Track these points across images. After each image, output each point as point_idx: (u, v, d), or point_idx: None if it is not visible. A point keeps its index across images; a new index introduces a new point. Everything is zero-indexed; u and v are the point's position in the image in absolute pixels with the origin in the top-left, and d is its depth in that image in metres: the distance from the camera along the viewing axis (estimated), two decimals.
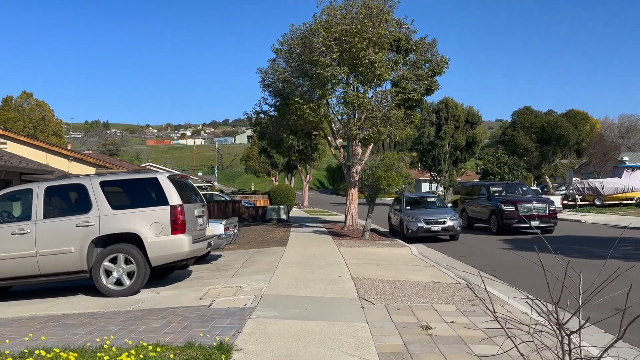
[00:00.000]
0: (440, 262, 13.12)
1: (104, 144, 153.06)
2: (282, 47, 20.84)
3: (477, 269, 12.22)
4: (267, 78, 21.27)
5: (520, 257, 13.71)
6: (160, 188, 8.74)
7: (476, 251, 15.20)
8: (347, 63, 18.37)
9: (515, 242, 17.16)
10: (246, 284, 9.06)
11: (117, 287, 8.63)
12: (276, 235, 19.12)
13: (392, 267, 11.54)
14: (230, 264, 12.04)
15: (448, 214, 17.83)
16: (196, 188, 10.31)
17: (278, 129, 21.88)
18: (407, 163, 17.28)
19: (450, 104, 53.48)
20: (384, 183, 16.53)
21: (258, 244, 16.55)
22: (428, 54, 21.60)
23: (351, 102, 18.45)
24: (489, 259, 13.55)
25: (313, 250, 14.08)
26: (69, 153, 28.67)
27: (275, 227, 22.76)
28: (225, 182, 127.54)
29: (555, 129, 38.16)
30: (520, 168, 39.03)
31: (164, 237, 8.58)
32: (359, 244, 16.09)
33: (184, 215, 8.71)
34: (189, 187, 9.95)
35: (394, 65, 19.85)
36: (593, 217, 28.41)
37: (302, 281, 9.19)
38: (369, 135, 18.60)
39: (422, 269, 11.59)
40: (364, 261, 12.19)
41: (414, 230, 17.39)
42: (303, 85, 20.14)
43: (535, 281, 10.65)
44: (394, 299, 7.80)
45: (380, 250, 14.72)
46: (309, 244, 15.77)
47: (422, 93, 20.53)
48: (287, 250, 14.25)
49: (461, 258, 13.75)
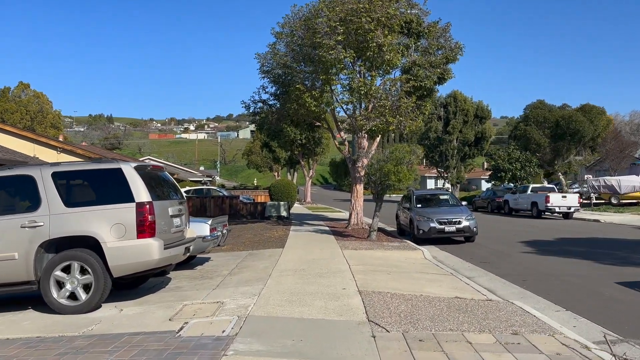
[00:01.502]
0: (458, 268, 11.49)
1: (106, 138, 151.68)
2: (283, 31, 19.17)
3: (504, 279, 10.66)
4: (266, 64, 19.59)
5: (549, 262, 12.11)
6: (125, 181, 7.12)
7: (497, 255, 13.54)
8: (353, 46, 16.70)
9: (537, 245, 15.50)
10: (230, 298, 7.44)
11: (70, 302, 7.03)
12: (274, 234, 17.51)
13: (405, 276, 9.91)
14: (218, 269, 10.42)
15: (463, 213, 16.16)
16: (174, 182, 8.69)
17: (278, 119, 20.22)
18: (419, 157, 15.56)
19: (459, 97, 51.66)
20: (394, 179, 14.87)
21: (253, 244, 14.94)
22: (441, 39, 19.92)
23: (357, 90, 16.79)
24: (514, 265, 11.89)
25: (313, 254, 12.45)
26: (57, 144, 27.10)
27: (274, 225, 21.14)
28: (228, 177, 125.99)
29: (570, 124, 36.29)
30: (532, 164, 37.24)
31: (128, 241, 6.97)
32: (365, 245, 14.46)
33: (153, 214, 7.09)
34: (164, 181, 8.32)
35: (404, 50, 18.16)
36: (612, 217, 26.74)
37: (299, 296, 7.56)
38: (376, 126, 16.93)
39: (439, 278, 9.95)
40: (371, 268, 10.56)
41: (426, 231, 15.73)
42: (305, 72, 18.48)
43: (575, 295, 8.99)
44: (413, 324, 6.16)
45: (389, 254, 13.08)
46: (309, 246, 14.15)
47: (434, 81, 18.84)
48: (284, 253, 12.63)
49: (482, 264, 12.10)
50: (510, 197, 31.91)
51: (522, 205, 30.25)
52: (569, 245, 15.41)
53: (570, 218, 27.47)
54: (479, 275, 10.72)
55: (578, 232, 19.37)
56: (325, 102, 16.95)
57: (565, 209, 27.28)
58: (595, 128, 36.86)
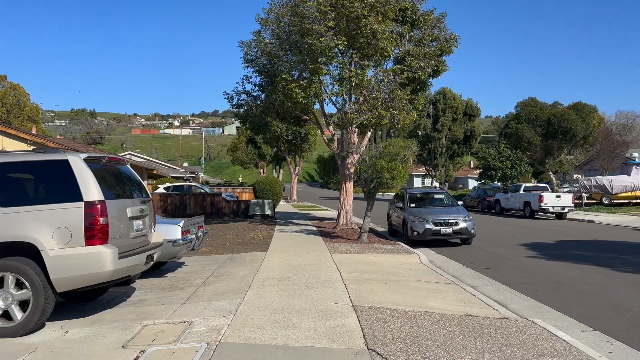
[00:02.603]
0: (459, 275, 10.40)
1: (88, 132, 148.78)
2: (269, 17, 17.92)
3: (513, 289, 9.54)
4: (250, 52, 18.33)
5: (556, 269, 11.07)
6: (72, 175, 5.87)
7: (498, 260, 12.48)
8: (344, 33, 15.52)
9: (539, 248, 14.49)
10: (200, 317, 6.23)
11: (3, 322, 5.76)
12: (257, 235, 16.28)
13: (403, 286, 8.77)
14: (191, 277, 9.18)
15: (460, 214, 15.09)
16: (137, 178, 7.42)
17: (263, 111, 18.97)
18: (414, 153, 14.45)
19: (448, 94, 50.90)
20: (387, 176, 13.74)
21: (234, 246, 13.70)
22: (435, 29, 18.85)
23: (348, 80, 15.62)
24: (519, 272, 10.83)
25: (300, 258, 11.27)
26: (28, 137, 25.51)
27: (257, 225, 19.91)
28: (213, 173, 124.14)
29: (562, 122, 35.50)
30: (523, 163, 36.45)
31: (75, 249, 5.72)
32: (356, 248, 13.32)
33: (105, 216, 5.85)
34: (125, 176, 7.06)
35: (398, 39, 17.02)
36: (606, 218, 25.99)
37: (283, 313, 6.37)
38: (368, 119, 15.78)
39: (441, 287, 8.84)
40: (365, 276, 9.41)
41: (421, 233, 14.64)
42: (292, 62, 17.24)
43: (598, 309, 7.72)
44: (423, 354, 5.01)
45: (382, 259, 11.95)
46: (295, 249, 12.96)
47: (429, 73, 17.75)
48: (267, 257, 11.42)
49: (484, 270, 11.02)
50: (501, 196, 31.05)
51: (514, 204, 29.41)
52: (572, 248, 14.43)
53: (563, 218, 26.67)
54: (483, 283, 9.64)
55: (577, 234, 18.46)
56: (314, 93, 15.75)
57: (559, 209, 26.46)
58: (587, 127, 36.16)
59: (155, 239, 7.47)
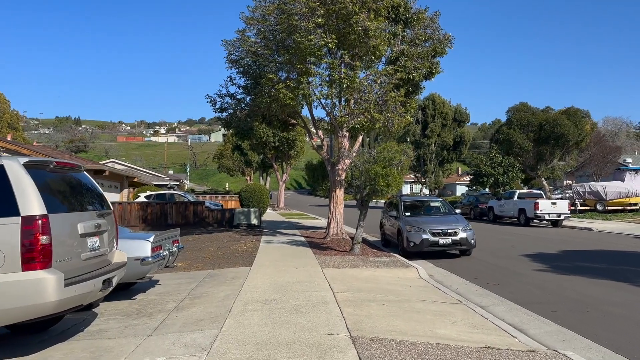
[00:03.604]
0: (465, 293, 9.39)
1: (72, 140, 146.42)
2: (254, 15, 16.89)
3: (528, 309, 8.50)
4: (234, 52, 17.27)
5: (571, 284, 10.11)
6: (7, 184, 4.77)
7: (503, 273, 11.50)
8: (334, 31, 14.54)
9: (544, 259, 13.57)
10: (167, 356, 5.12)
11: None
12: (242, 247, 15.16)
13: (406, 307, 7.73)
14: (163, 300, 8.05)
15: (459, 223, 14.13)
16: (95, 187, 6.30)
17: (247, 115, 17.90)
18: (410, 157, 13.48)
19: (437, 100, 50.29)
20: (382, 183, 12.72)
21: (216, 260, 12.58)
22: (429, 29, 17.98)
23: (338, 82, 14.62)
24: (530, 287, 9.87)
25: (288, 274, 10.18)
26: (1, 143, 24.21)
27: (242, 236, 18.77)
28: (199, 181, 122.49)
29: (554, 127, 34.87)
30: (515, 169, 35.75)
31: (8, 275, 4.61)
32: (349, 261, 12.26)
33: (48, 234, 4.74)
34: (79, 185, 5.95)
35: (391, 38, 16.11)
36: (604, 225, 25.25)
37: (268, 350, 5.29)
38: (360, 123, 14.78)
39: (448, 309, 7.81)
40: (361, 295, 8.35)
41: (417, 244, 13.63)
42: (278, 63, 16.20)
43: (634, 336, 6.88)
44: None
45: (378, 274, 10.91)
46: (282, 263, 11.86)
47: (424, 74, 16.85)
48: (252, 273, 10.31)
49: (491, 286, 10.03)
50: (495, 203, 30.25)
51: (508, 212, 28.62)
52: (581, 259, 13.52)
53: (559, 226, 25.91)
54: (493, 302, 8.64)
55: (579, 243, 17.60)
56: (302, 94, 14.71)
57: (554, 217, 25.68)
58: (579, 132, 35.58)
59: (117, 258, 6.36)
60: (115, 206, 22.42)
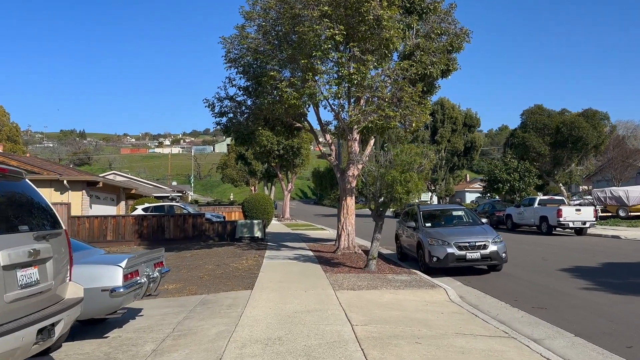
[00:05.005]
0: (510, 321, 7.76)
1: (75, 153, 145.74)
2: (255, 9, 15.43)
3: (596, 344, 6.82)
4: (233, 50, 15.79)
5: (636, 308, 8.46)
6: None
7: (547, 293, 9.84)
8: (342, 22, 13.03)
9: (587, 274, 11.91)
10: None
11: None
12: (243, 264, 13.57)
13: (445, 347, 6.10)
14: (142, 338, 6.46)
15: (488, 234, 12.48)
16: (39, 199, 4.74)
17: (248, 118, 16.38)
18: (432, 161, 11.84)
19: (446, 105, 48.74)
20: (400, 190, 11.12)
21: (212, 281, 10.99)
22: (443, 23, 16.48)
23: (348, 78, 13.07)
24: (587, 313, 8.21)
25: (295, 301, 8.57)
26: None
27: (244, 250, 17.18)
28: (203, 192, 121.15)
29: (572, 130, 33.19)
30: (532, 175, 34.04)
31: None
32: (365, 281, 10.64)
33: None
34: (14, 198, 4.38)
35: (405, 30, 14.60)
36: (632, 233, 23.53)
37: None
38: (373, 122, 13.21)
39: (498, 347, 6.17)
40: (386, 329, 6.73)
41: (441, 259, 11.99)
42: (281, 60, 14.70)
43: None
44: None
45: (401, 297, 9.27)
46: (289, 284, 10.25)
47: (441, 70, 15.32)
48: (252, 300, 8.70)
49: (537, 311, 8.39)
50: (513, 210, 28.56)
51: (528, 220, 26.90)
52: (630, 274, 11.84)
53: (584, 234, 24.21)
54: (549, 335, 7.00)
55: (616, 254, 15.89)
56: (308, 93, 13.18)
57: (579, 224, 23.97)
58: (598, 135, 33.85)
59: (71, 293, 4.79)
60: (109, 220, 20.92)
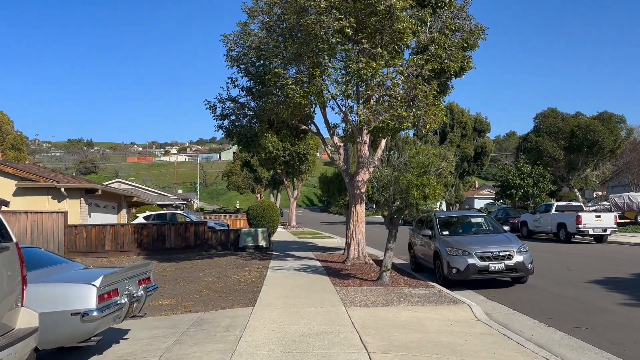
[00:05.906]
0: (548, 344, 6.74)
1: (81, 162, 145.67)
2: (258, 4, 14.57)
3: None
4: (234, 48, 14.91)
5: None
6: None
7: (582, 310, 8.78)
8: (351, 14, 12.10)
9: (621, 286, 10.83)
10: None
11: None
12: (245, 276, 12.58)
13: None
14: None
15: (513, 244, 11.43)
16: None
17: (251, 119, 15.46)
18: (452, 164, 10.82)
19: (455, 109, 47.73)
20: (417, 195, 10.12)
21: (211, 296, 10.01)
22: (457, 19, 15.53)
23: (357, 74, 12.10)
24: (634, 333, 7.17)
25: (302, 320, 7.56)
26: None
27: (248, 261, 16.20)
28: (209, 200, 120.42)
29: (587, 134, 32.06)
30: (546, 180, 32.89)
31: None
32: (380, 296, 9.62)
33: None
34: None
35: (418, 24, 13.65)
36: None
37: None
38: (384, 122, 12.23)
39: None
40: (409, 357, 5.72)
41: (462, 270, 10.95)
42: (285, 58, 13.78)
43: None
44: None
45: (422, 315, 8.24)
46: (294, 301, 9.24)
47: (459, 66, 14.35)
48: (253, 319, 7.70)
49: (577, 331, 7.35)
50: (528, 217, 27.42)
51: (544, 227, 25.75)
52: None
53: (604, 242, 23.06)
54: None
55: None
56: (315, 91, 12.24)
57: (599, 231, 22.82)
58: (615, 138, 32.68)
59: (22, 321, 3.83)
60: (107, 229, 20.03)
